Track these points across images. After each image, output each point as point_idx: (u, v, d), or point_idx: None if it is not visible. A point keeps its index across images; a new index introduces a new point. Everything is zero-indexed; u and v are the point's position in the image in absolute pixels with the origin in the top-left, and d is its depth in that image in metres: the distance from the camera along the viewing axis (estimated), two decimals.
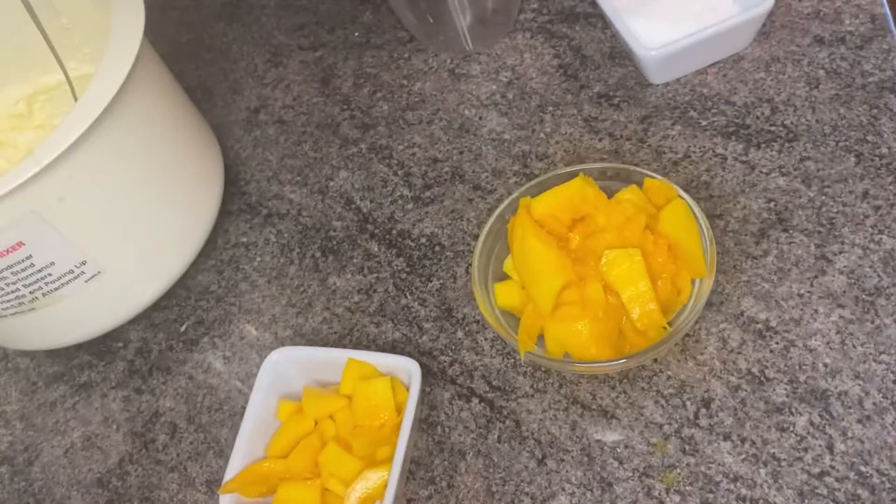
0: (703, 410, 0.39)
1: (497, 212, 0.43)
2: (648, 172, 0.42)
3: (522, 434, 0.41)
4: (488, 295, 0.42)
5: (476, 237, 0.48)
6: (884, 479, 0.35)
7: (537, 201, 0.42)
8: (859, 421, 0.37)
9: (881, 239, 0.41)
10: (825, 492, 0.36)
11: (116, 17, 0.43)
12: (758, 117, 0.47)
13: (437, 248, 0.48)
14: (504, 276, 0.43)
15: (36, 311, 0.44)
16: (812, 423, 0.37)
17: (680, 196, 0.41)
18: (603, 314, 0.38)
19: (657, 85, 0.51)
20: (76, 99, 0.48)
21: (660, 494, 0.37)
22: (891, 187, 0.43)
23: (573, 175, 0.43)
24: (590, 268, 0.39)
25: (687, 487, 0.37)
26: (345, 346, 0.46)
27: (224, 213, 0.54)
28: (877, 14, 0.49)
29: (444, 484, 0.40)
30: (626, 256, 0.39)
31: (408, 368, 0.40)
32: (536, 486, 0.39)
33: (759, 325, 0.40)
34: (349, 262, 0.49)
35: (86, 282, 0.44)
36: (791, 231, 0.43)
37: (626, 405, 0.40)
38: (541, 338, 0.40)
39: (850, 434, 0.37)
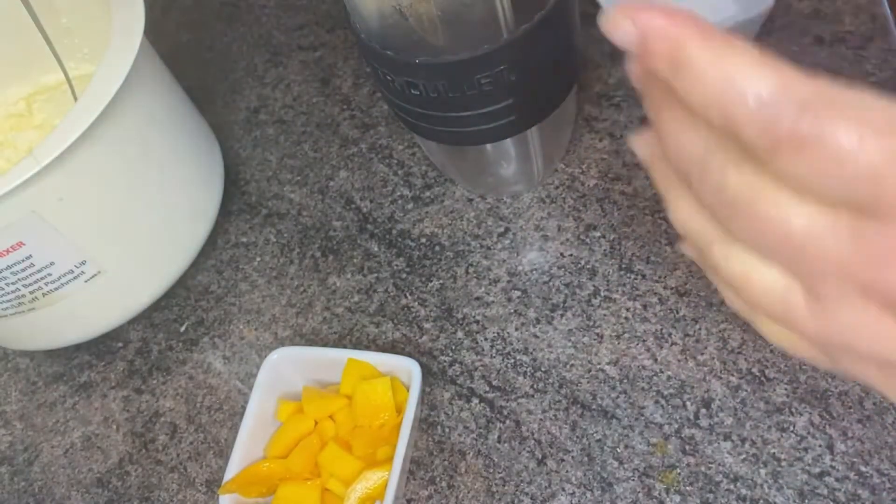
0: (704, 410, 0.39)
1: None
2: None
3: (522, 434, 0.41)
4: None
5: (477, 237, 0.47)
6: (884, 479, 0.35)
7: None
8: (859, 421, 0.37)
9: None
10: (825, 492, 0.36)
11: (117, 17, 0.43)
12: None
13: (437, 248, 0.48)
14: None
15: (36, 311, 0.44)
16: (812, 423, 0.37)
17: None
18: None
19: None
20: (76, 98, 0.48)
21: (660, 494, 0.37)
22: None
23: None
24: None
25: (687, 487, 0.37)
26: (345, 346, 0.46)
27: (224, 212, 0.54)
28: (877, 14, 0.49)
29: (444, 484, 0.40)
30: None
31: (408, 368, 0.40)
32: (536, 487, 0.39)
33: None
34: (349, 262, 0.49)
35: (86, 282, 0.44)
36: None
37: (627, 405, 0.40)
38: None
39: (850, 434, 0.37)
